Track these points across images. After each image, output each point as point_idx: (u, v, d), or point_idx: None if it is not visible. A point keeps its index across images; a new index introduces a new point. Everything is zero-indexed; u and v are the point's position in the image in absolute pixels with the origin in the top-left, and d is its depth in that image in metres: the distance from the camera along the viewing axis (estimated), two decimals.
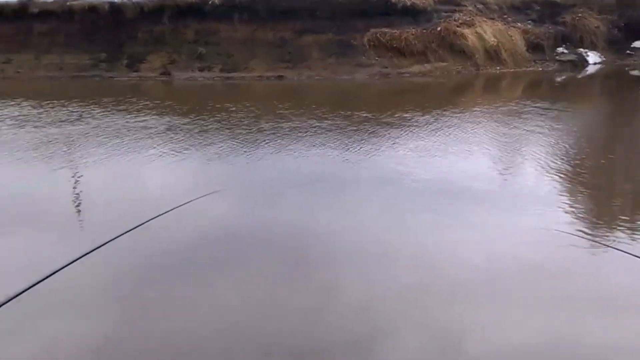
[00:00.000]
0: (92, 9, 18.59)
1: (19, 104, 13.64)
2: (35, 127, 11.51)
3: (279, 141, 10.10)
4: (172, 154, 9.36)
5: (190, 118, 12.12)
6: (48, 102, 13.88)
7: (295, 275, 5.14)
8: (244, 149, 9.62)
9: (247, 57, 18.72)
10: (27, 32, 19.05)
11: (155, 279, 5.06)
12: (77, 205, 7.27)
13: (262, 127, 11.17)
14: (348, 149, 9.56)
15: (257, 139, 10.26)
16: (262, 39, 19.12)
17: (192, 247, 5.68)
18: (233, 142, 10.08)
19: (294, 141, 10.11)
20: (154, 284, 4.96)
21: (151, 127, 11.35)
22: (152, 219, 5.37)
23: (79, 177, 8.50)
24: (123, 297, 4.76)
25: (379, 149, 9.52)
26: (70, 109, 13.23)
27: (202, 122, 11.75)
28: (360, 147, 9.61)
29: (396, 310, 4.40)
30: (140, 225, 4.97)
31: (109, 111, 12.97)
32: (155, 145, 9.93)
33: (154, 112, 12.78)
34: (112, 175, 8.57)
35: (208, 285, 4.90)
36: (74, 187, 7.97)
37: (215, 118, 12.10)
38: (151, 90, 16.69)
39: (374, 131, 10.85)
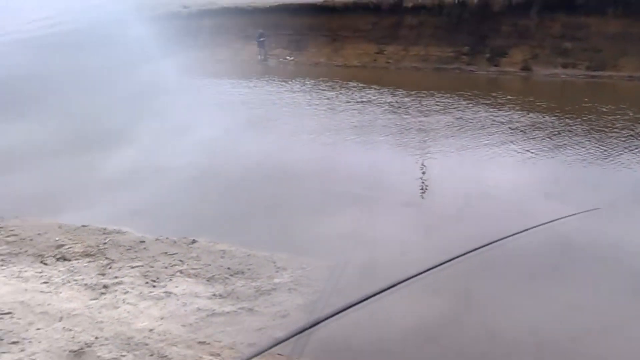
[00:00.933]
0: (461, 2, 19.96)
1: (391, 92, 15.69)
2: (407, 114, 13.20)
3: None
4: (536, 154, 9.75)
5: (556, 116, 12.36)
6: (416, 91, 15.62)
7: None
8: (618, 157, 9.50)
9: (617, 55, 17.79)
10: (398, 25, 21.46)
11: (515, 283, 5.53)
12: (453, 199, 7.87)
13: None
14: None
15: (632, 147, 10.00)
16: (636, 35, 17.92)
17: (553, 261, 5.89)
18: (603, 147, 10.03)
19: None
20: (517, 286, 5.46)
21: (514, 123, 11.97)
22: (528, 229, 5.75)
23: (443, 167, 9.47)
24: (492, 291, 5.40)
25: None
26: (436, 99, 14.69)
27: (569, 121, 11.91)
28: None
29: None
30: (518, 233, 5.47)
31: (472, 104, 14.02)
32: (518, 143, 10.47)
33: (517, 108, 13.36)
34: (476, 170, 9.26)
35: (550, 299, 5.17)
36: (441, 179, 8.90)
37: (583, 119, 12.10)
38: (511, 85, 17.29)
39: None
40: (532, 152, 9.93)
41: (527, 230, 5.99)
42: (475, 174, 9.13)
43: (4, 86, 12.36)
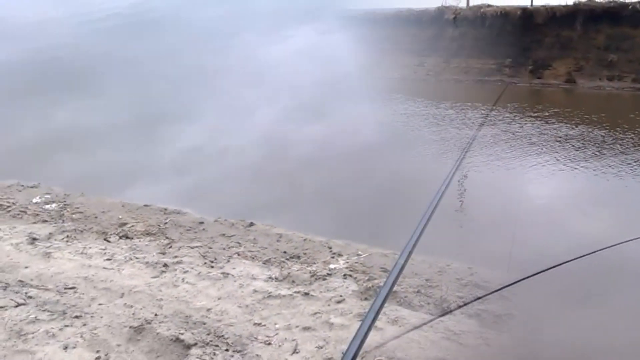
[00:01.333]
0: (504, 14, 19.95)
1: (434, 104, 15.69)
2: (452, 126, 13.13)
3: None
4: (587, 169, 9.54)
5: (606, 129, 12.22)
6: (459, 104, 15.59)
7: None
8: None
9: None
10: (439, 37, 21.54)
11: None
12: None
13: None
14: None
15: None
16: None
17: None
18: None
19: None
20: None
21: (561, 136, 11.86)
22: (596, 251, 5.28)
23: (492, 180, 9.18)
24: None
25: None
26: (480, 111, 14.63)
27: (619, 134, 11.76)
28: None
29: None
30: (585, 255, 5.00)
31: (517, 116, 13.94)
32: (567, 156, 10.28)
33: (564, 120, 13.25)
34: (529, 184, 9.00)
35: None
36: (491, 192, 8.50)
37: (632, 132, 11.93)
38: (555, 98, 17.15)
39: None
40: (582, 167, 9.70)
41: (595, 252, 5.47)
42: (528, 188, 8.84)
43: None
